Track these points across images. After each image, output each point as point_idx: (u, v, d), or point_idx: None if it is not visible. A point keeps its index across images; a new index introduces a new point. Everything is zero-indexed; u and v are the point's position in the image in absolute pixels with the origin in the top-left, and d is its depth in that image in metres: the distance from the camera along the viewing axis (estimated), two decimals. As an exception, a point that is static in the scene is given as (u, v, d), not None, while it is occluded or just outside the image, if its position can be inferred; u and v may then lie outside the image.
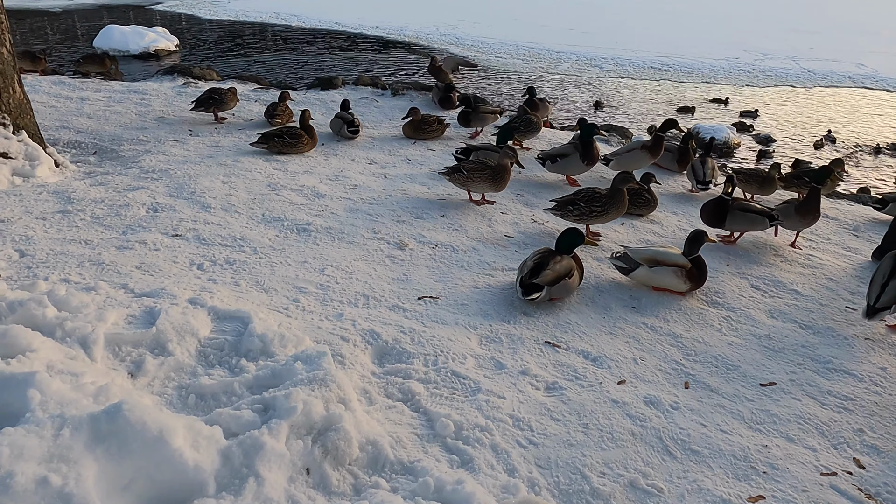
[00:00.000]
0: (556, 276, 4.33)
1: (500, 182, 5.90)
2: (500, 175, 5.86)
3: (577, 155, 6.63)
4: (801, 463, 3.19)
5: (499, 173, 5.86)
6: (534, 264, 4.36)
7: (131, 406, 2.40)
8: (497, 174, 5.86)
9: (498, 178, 5.87)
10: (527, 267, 4.38)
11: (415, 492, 2.68)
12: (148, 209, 5.46)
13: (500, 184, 5.92)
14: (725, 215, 5.55)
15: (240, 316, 3.70)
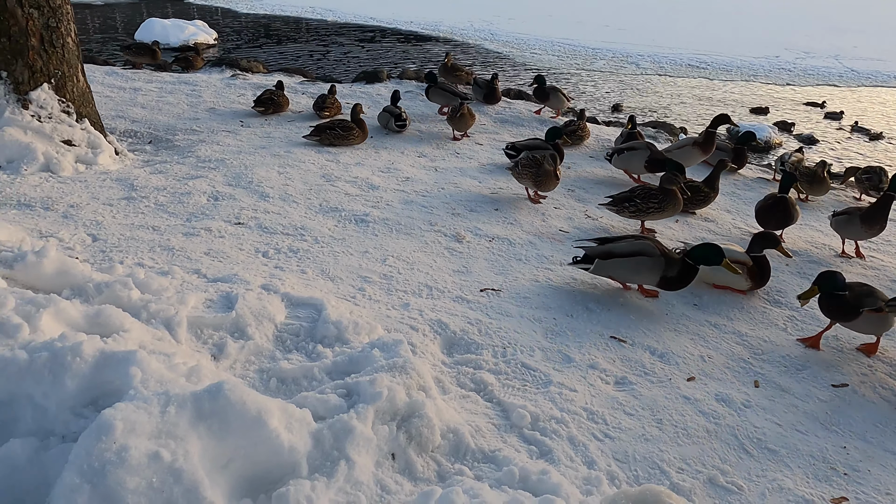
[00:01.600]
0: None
1: (542, 184, 5.89)
2: (541, 177, 5.84)
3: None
4: (882, 465, 3.15)
5: (540, 175, 5.84)
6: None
7: (232, 386, 2.45)
8: (539, 175, 5.85)
9: (540, 180, 5.86)
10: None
11: (500, 480, 2.70)
12: (209, 197, 5.55)
13: (542, 185, 5.90)
14: (784, 213, 5.43)
15: (313, 303, 3.75)
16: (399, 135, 7.97)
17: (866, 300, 3.94)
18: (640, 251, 4.33)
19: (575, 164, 7.45)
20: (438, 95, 8.79)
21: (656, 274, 4.27)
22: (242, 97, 9.05)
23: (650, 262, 4.28)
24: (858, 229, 5.33)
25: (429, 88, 8.84)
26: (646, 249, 4.33)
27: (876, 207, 5.28)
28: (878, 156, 10.04)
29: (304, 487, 2.42)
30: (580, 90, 13.41)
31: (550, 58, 17.40)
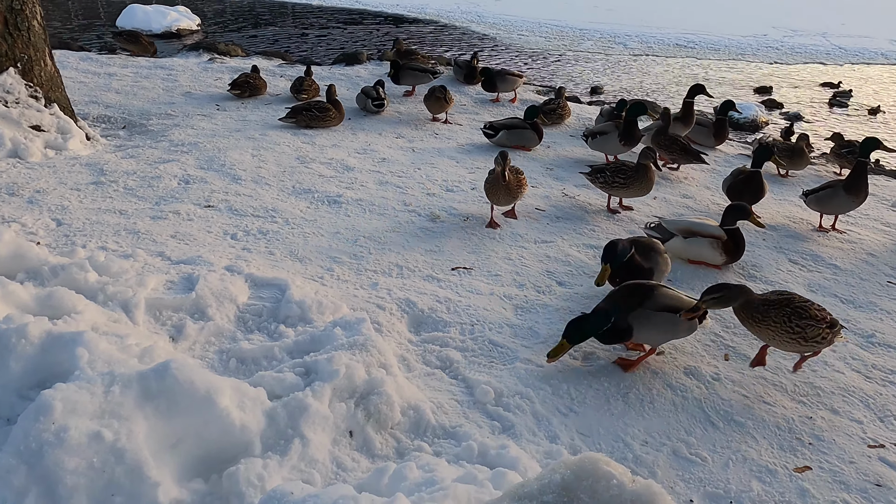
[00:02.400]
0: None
1: (490, 193, 4.96)
2: (489, 184, 4.94)
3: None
4: (848, 435, 3.13)
5: (488, 182, 4.95)
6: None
7: (179, 365, 2.40)
8: (487, 182, 4.98)
9: (488, 188, 4.95)
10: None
11: (458, 455, 2.67)
12: (179, 181, 5.47)
13: (491, 195, 4.97)
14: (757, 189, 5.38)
15: (277, 283, 3.70)
16: (377, 116, 7.89)
17: (652, 255, 3.92)
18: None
19: (555, 143, 7.38)
20: (409, 76, 8.64)
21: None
22: (219, 81, 8.93)
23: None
24: (844, 200, 5.26)
25: (398, 72, 8.59)
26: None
27: (854, 176, 5.24)
28: (869, 131, 10.00)
29: (256, 466, 2.38)
30: (564, 71, 13.31)
31: (538, 39, 17.24)
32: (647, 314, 3.28)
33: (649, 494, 1.57)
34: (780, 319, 3.23)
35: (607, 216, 5.46)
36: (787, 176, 6.85)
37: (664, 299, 3.34)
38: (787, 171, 6.85)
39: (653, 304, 3.31)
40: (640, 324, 3.28)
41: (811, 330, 3.21)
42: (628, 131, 6.33)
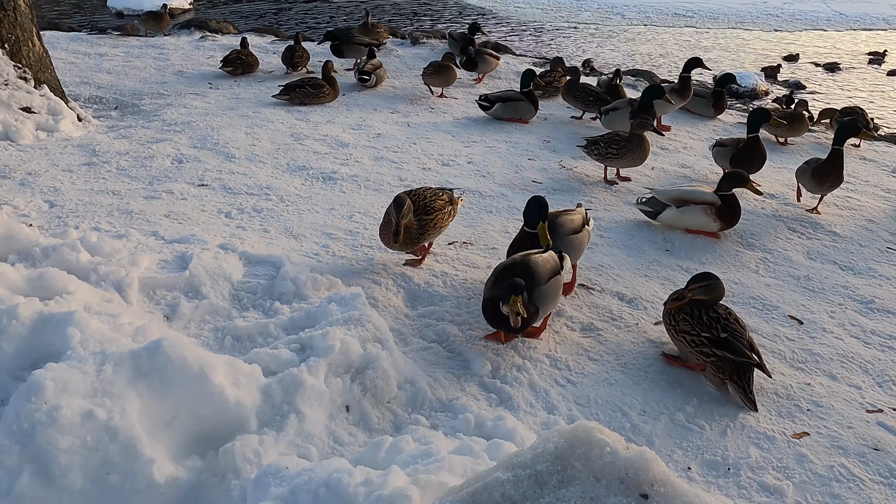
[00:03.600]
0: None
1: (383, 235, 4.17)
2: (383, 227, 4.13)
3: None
4: (846, 400, 3.12)
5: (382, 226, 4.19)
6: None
7: (171, 343, 2.38)
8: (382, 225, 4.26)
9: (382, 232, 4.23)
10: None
11: (455, 428, 2.67)
12: (173, 160, 5.42)
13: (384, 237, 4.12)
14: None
15: (271, 260, 3.68)
16: (372, 91, 7.80)
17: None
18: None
19: (552, 114, 7.31)
20: (353, 51, 8.46)
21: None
22: (211, 59, 8.83)
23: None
24: (810, 182, 5.06)
25: (340, 46, 8.35)
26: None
27: (827, 162, 4.96)
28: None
29: (252, 442, 2.38)
30: (559, 44, 13.14)
31: (534, 11, 17.01)
32: (541, 290, 3.14)
33: (643, 461, 1.56)
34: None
35: (604, 187, 5.42)
36: (786, 143, 6.78)
37: (544, 266, 3.21)
38: (785, 138, 6.78)
39: (540, 279, 3.14)
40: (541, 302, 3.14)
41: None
42: (644, 109, 6.06)
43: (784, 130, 6.59)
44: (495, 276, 3.20)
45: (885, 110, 9.46)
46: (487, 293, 3.17)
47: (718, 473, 2.68)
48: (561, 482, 1.59)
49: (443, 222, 3.89)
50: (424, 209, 3.74)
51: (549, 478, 1.60)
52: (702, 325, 3.11)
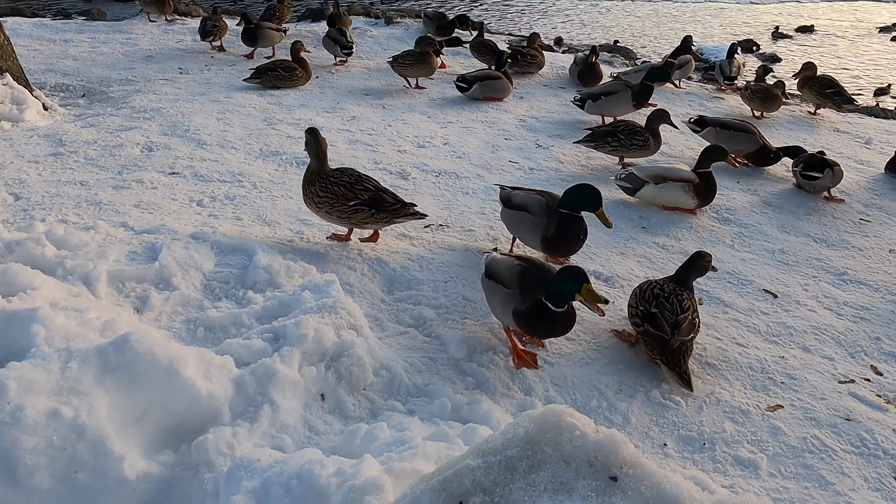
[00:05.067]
0: None
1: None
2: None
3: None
4: (819, 372, 3.16)
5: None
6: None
7: (139, 337, 2.34)
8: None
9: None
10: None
11: (432, 413, 2.66)
12: (142, 148, 5.31)
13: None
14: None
15: (244, 248, 3.62)
16: (346, 73, 7.69)
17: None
18: (524, 206, 3.67)
19: (528, 93, 7.26)
20: (266, 38, 8.09)
21: (536, 234, 3.59)
22: (181, 43, 8.64)
23: (529, 221, 3.62)
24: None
25: (253, 31, 7.96)
26: (531, 206, 3.63)
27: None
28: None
29: (225, 434, 2.35)
30: (533, 20, 13.04)
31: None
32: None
33: (612, 443, 1.55)
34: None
35: (581, 166, 5.40)
36: (763, 117, 6.80)
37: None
38: (761, 112, 6.80)
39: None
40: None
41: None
42: (644, 93, 5.94)
43: (757, 105, 6.62)
44: (518, 278, 2.92)
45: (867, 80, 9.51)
46: (521, 301, 2.87)
47: (694, 449, 2.70)
48: (531, 467, 1.58)
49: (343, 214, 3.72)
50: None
51: (520, 463, 1.60)
52: (642, 300, 3.12)
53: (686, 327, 3.02)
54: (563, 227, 3.50)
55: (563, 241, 3.55)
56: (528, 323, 2.90)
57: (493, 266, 3.11)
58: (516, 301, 2.91)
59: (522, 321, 2.91)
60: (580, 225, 3.52)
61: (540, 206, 3.60)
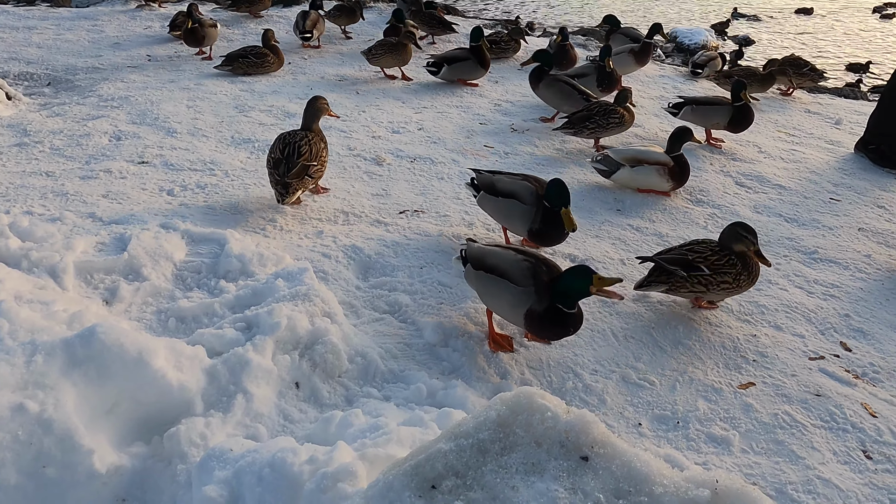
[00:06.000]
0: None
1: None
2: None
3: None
4: (790, 349, 3.21)
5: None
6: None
7: (106, 329, 2.30)
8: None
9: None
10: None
11: (408, 398, 2.65)
12: (110, 137, 5.20)
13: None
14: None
15: (215, 238, 3.57)
16: (319, 59, 7.59)
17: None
18: (514, 193, 3.59)
19: (503, 77, 7.23)
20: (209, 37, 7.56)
21: (525, 224, 3.53)
22: (149, 30, 8.46)
23: (519, 210, 3.54)
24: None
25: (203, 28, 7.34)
26: (521, 193, 3.56)
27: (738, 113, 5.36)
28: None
29: (198, 425, 2.33)
30: (506, 4, 12.98)
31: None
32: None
33: (583, 423, 1.56)
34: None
35: (556, 149, 5.40)
36: (755, 99, 6.80)
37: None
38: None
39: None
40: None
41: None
42: (608, 76, 6.06)
43: (754, 88, 6.64)
44: (531, 276, 2.82)
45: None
46: (537, 302, 2.77)
47: (668, 427, 2.73)
48: (503, 449, 1.58)
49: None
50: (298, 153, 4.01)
51: (492, 446, 1.60)
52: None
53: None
54: (548, 219, 3.44)
55: (549, 231, 3.48)
56: (542, 325, 2.81)
57: (489, 259, 2.96)
58: (531, 301, 2.78)
59: (538, 324, 2.80)
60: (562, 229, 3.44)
61: (530, 194, 3.53)
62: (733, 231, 3.23)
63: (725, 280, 3.19)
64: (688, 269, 3.20)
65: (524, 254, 2.97)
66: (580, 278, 2.73)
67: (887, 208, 4.74)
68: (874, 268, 3.97)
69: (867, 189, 5.02)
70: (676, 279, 3.22)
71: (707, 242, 3.32)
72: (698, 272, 3.18)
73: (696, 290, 3.23)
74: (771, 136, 5.95)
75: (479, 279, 3.01)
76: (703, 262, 3.19)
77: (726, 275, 3.18)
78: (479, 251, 3.06)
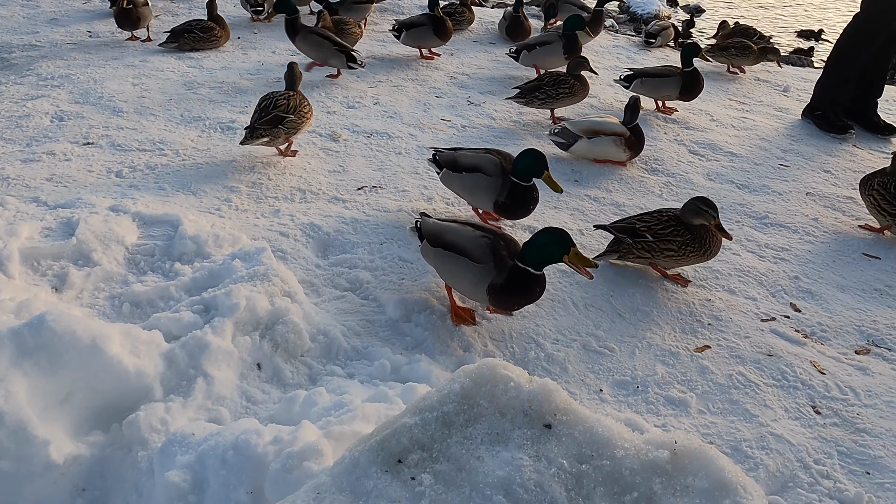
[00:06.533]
0: None
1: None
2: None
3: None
4: (743, 312, 3.31)
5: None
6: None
7: (56, 316, 2.22)
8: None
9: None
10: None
11: (372, 375, 2.65)
12: (52, 118, 4.99)
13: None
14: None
15: (168, 219, 3.47)
16: (270, 32, 7.38)
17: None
18: (477, 166, 3.57)
19: (458, 49, 7.16)
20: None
21: (490, 196, 3.52)
22: (88, 4, 8.09)
23: (485, 183, 3.52)
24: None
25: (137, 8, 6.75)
26: (485, 166, 3.54)
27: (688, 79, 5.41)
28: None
29: (157, 410, 2.29)
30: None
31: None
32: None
33: (545, 392, 1.58)
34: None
35: (513, 122, 5.40)
36: (742, 72, 6.87)
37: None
38: (739, 67, 6.87)
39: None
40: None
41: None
42: (572, 43, 5.96)
43: (740, 60, 6.68)
44: (490, 252, 2.81)
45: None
46: (497, 275, 2.77)
47: (628, 392, 2.80)
48: (468, 421, 1.60)
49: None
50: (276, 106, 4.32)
51: (457, 418, 1.61)
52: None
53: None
54: (516, 192, 3.44)
55: (516, 205, 3.48)
56: (507, 297, 2.82)
57: (447, 236, 2.94)
58: (492, 276, 2.78)
59: (502, 296, 2.81)
60: (532, 191, 3.47)
61: (494, 167, 3.51)
62: (693, 205, 3.30)
63: (670, 248, 3.28)
64: (633, 236, 3.31)
65: (482, 229, 2.96)
66: (557, 245, 2.72)
67: (833, 173, 4.90)
68: (821, 230, 4.11)
69: (814, 154, 5.17)
70: (624, 246, 3.33)
71: (662, 212, 3.39)
72: (642, 239, 3.28)
73: (642, 255, 3.34)
74: (722, 105, 6.06)
75: (437, 256, 3.00)
76: (647, 231, 3.30)
77: (671, 243, 3.27)
78: (436, 227, 3.04)
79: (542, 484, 1.46)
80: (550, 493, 1.45)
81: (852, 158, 5.15)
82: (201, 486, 1.89)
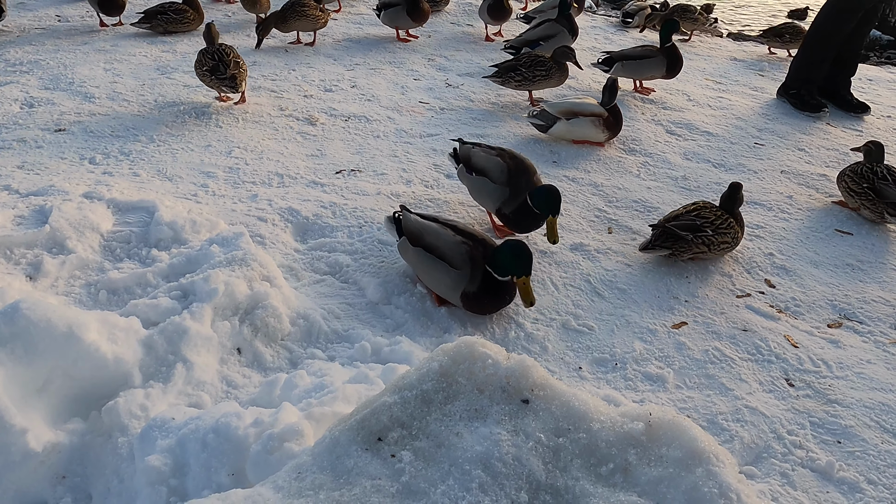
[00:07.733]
0: None
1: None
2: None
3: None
4: (719, 289, 3.36)
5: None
6: None
7: (31, 304, 2.20)
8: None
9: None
10: None
11: (353, 357, 2.66)
12: (22, 105, 4.90)
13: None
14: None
15: (144, 206, 3.44)
16: (244, 15, 7.28)
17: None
18: (485, 170, 3.51)
19: (436, 31, 7.11)
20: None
21: (494, 203, 3.49)
22: (57, -12, 7.90)
23: (490, 189, 3.48)
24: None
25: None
26: (492, 171, 3.48)
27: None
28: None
29: (137, 396, 2.28)
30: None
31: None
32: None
33: (522, 368, 1.60)
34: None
35: (492, 104, 5.39)
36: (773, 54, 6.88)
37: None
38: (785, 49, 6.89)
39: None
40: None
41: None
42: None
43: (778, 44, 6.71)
44: (468, 258, 2.87)
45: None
46: (470, 283, 2.85)
47: (607, 369, 2.83)
48: (447, 398, 1.61)
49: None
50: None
51: (436, 395, 1.62)
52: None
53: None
54: (524, 212, 3.36)
55: (521, 221, 3.43)
56: (479, 303, 2.94)
57: (428, 238, 2.97)
58: (465, 283, 2.88)
59: (475, 303, 2.93)
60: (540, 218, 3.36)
61: (501, 173, 3.44)
62: (733, 194, 3.53)
63: (725, 241, 3.44)
64: (695, 232, 3.39)
65: (462, 234, 3.00)
66: (515, 263, 2.81)
67: (807, 151, 4.96)
68: (795, 208, 4.17)
69: (789, 133, 5.23)
70: (682, 243, 3.38)
71: (711, 206, 3.52)
72: (703, 234, 3.38)
73: (699, 251, 3.42)
74: (699, 85, 6.10)
75: (417, 255, 3.02)
76: (709, 226, 3.40)
77: (726, 235, 3.44)
78: (418, 227, 3.05)
79: (521, 458, 1.48)
80: (528, 466, 1.47)
81: (826, 136, 5.22)
82: (182, 469, 1.89)
